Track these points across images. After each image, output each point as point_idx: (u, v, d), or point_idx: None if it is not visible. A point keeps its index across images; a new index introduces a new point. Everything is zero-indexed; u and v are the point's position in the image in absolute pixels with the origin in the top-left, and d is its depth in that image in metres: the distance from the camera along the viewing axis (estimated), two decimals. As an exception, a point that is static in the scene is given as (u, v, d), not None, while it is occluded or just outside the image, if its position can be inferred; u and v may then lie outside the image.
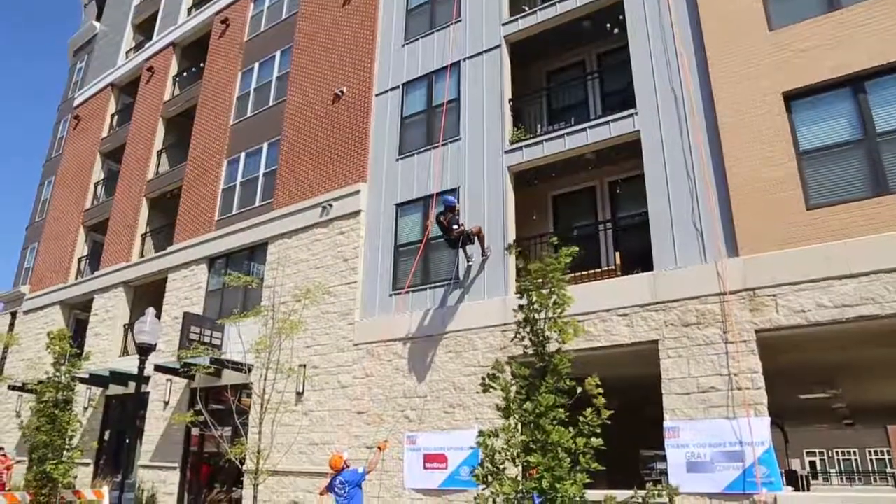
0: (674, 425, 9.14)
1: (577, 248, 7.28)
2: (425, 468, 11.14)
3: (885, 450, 44.86)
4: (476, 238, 11.52)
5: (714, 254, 9.55)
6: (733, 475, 8.52)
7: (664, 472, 25.72)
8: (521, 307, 6.92)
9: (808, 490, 23.14)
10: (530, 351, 6.75)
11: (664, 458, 26.67)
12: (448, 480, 10.78)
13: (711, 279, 9.44)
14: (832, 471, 46.55)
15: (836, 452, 47.03)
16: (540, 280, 6.64)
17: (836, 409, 18.83)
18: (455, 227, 11.08)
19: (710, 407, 8.94)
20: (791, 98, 9.61)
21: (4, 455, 16.73)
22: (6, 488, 15.53)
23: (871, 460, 46.47)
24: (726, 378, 8.93)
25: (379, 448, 9.91)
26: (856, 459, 46.77)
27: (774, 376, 9.08)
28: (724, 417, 8.78)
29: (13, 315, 26.54)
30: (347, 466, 9.40)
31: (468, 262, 11.88)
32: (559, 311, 6.60)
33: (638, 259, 10.77)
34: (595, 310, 10.25)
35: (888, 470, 44.77)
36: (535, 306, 6.65)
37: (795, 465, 36.68)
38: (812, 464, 46.57)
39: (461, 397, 11.19)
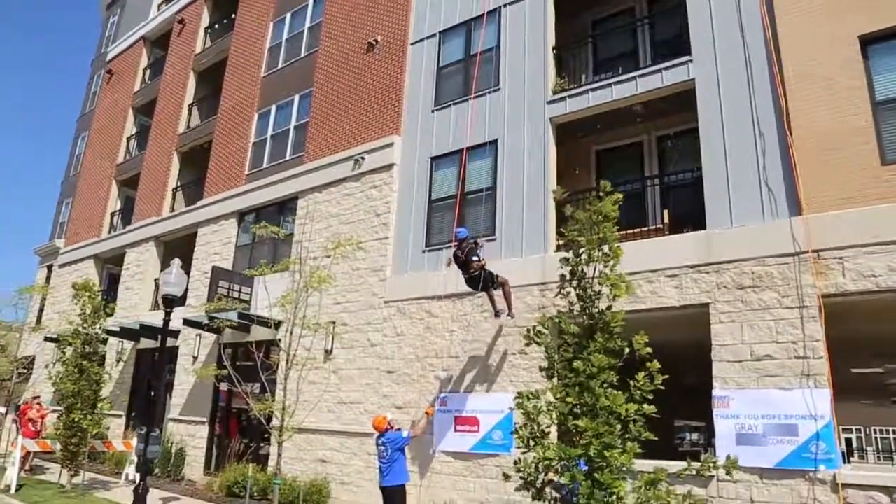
0: (724, 394, 8.54)
1: (622, 196, 6.58)
2: (456, 431, 10.74)
3: (928, 430, 43.58)
4: (502, 290, 10.16)
5: (775, 212, 8.79)
6: (787, 450, 7.91)
7: (696, 444, 25.09)
8: (567, 259, 6.33)
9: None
10: (576, 308, 6.18)
11: (695, 429, 25.91)
12: (479, 444, 10.37)
13: (771, 239, 8.70)
14: (869, 449, 45.39)
15: (874, 430, 45.78)
16: (590, 228, 6.02)
17: (889, 385, 17.91)
18: (475, 259, 9.96)
19: (764, 376, 8.29)
20: (869, 42, 8.68)
21: (39, 404, 16.90)
22: (40, 436, 15.67)
23: (911, 440, 45.32)
24: (784, 346, 8.26)
25: (427, 413, 9.56)
26: (893, 437, 45.56)
27: (830, 347, 8.39)
28: (780, 388, 8.13)
29: (49, 269, 26.85)
30: (391, 428, 8.91)
31: (495, 313, 10.46)
32: (611, 263, 6.00)
33: (688, 218, 10.07)
34: (640, 270, 9.57)
35: (931, 451, 43.50)
36: (584, 258, 6.05)
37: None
38: (847, 441, 45.46)
39: (495, 359, 10.71)
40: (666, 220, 10.47)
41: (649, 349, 5.88)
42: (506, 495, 9.60)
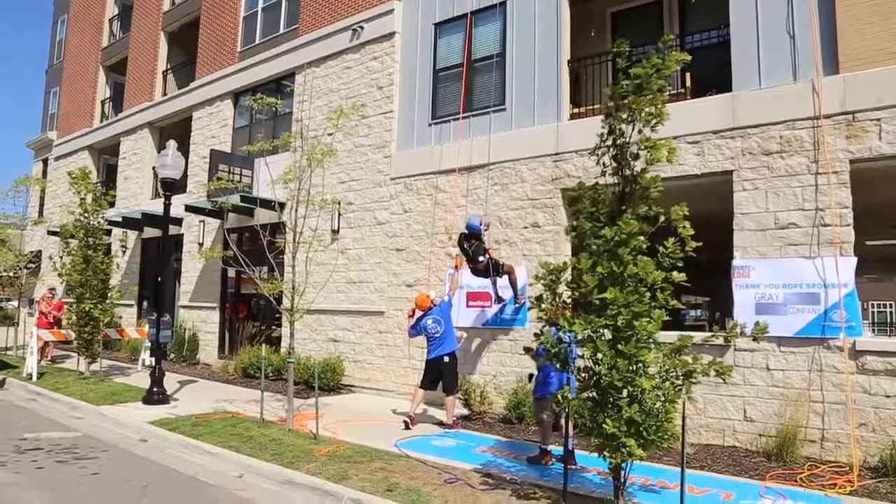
0: (744, 264, 8.28)
1: (688, 56, 5.90)
2: (468, 306, 10.65)
3: (925, 302, 44.21)
4: (508, 278, 9.77)
5: (809, 71, 8.12)
6: (808, 318, 7.74)
7: (699, 319, 25.44)
8: (608, 115, 5.80)
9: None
10: (609, 171, 5.74)
11: (697, 306, 26.11)
12: (492, 319, 10.31)
13: (802, 100, 8.09)
14: (865, 322, 46.34)
15: (870, 304, 46.56)
16: (639, 88, 5.43)
17: (901, 258, 17.77)
18: (481, 258, 9.52)
19: (787, 245, 7.99)
20: None
21: (53, 296, 16.99)
22: (56, 327, 15.83)
23: (907, 312, 46.20)
24: (810, 213, 7.88)
25: (456, 266, 9.66)
26: (891, 311, 46.44)
27: (855, 216, 8.04)
28: (804, 256, 7.85)
29: (45, 162, 26.31)
30: (434, 304, 9.24)
31: (497, 299, 10.20)
32: (655, 122, 5.48)
33: (711, 81, 9.39)
34: (660, 137, 9.03)
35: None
36: (625, 116, 5.52)
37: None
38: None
39: (507, 233, 10.42)
40: (688, 83, 9.80)
41: (687, 221, 5.49)
42: (520, 368, 9.63)
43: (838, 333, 7.50)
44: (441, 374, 9.05)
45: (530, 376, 7.59)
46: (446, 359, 9.03)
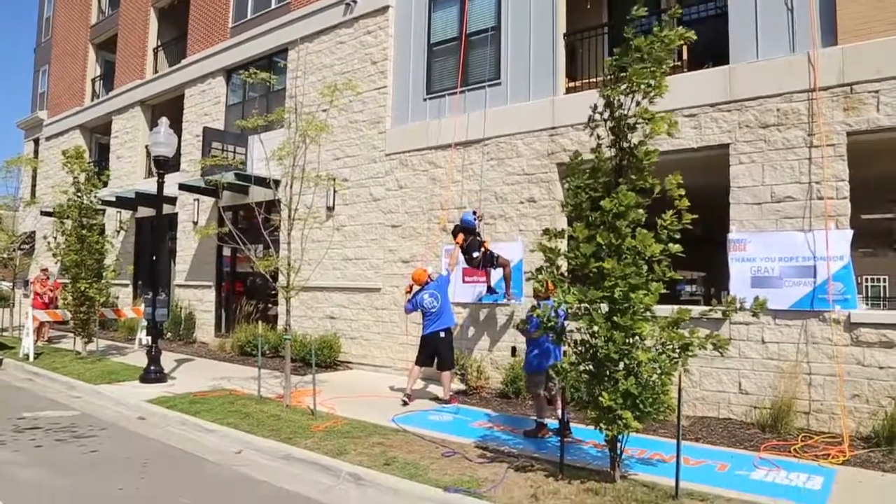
0: (740, 237, 8.27)
1: (685, 30, 5.81)
2: (464, 282, 10.65)
3: (918, 276, 44.57)
4: (503, 271, 9.73)
5: (807, 43, 8.04)
6: (803, 291, 7.76)
7: (693, 294, 25.52)
8: (605, 83, 5.74)
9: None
10: (605, 143, 5.69)
11: (693, 281, 26.18)
12: (488, 294, 10.31)
13: (800, 73, 8.01)
14: (858, 296, 46.62)
15: (864, 279, 46.91)
16: (640, 60, 5.36)
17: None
18: (476, 253, 9.51)
19: (783, 218, 7.97)
20: None
21: (47, 277, 16.89)
22: (51, 307, 15.79)
23: (900, 286, 46.63)
24: (806, 186, 7.86)
25: (457, 243, 9.58)
26: (884, 286, 46.82)
27: (851, 190, 8.03)
28: (799, 230, 7.84)
29: (36, 142, 26.03)
30: (431, 279, 9.23)
31: (488, 289, 10.18)
32: (654, 95, 5.43)
33: (708, 54, 9.30)
34: (656, 110, 8.96)
35: (917, 297, 44.78)
36: (623, 87, 5.46)
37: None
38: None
39: (503, 208, 10.39)
40: (685, 56, 9.71)
41: (682, 191, 5.47)
42: (516, 343, 9.66)
43: (833, 306, 7.53)
44: (437, 350, 9.04)
45: (513, 350, 7.64)
46: (442, 334, 9.02)
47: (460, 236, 9.60)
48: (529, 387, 7.56)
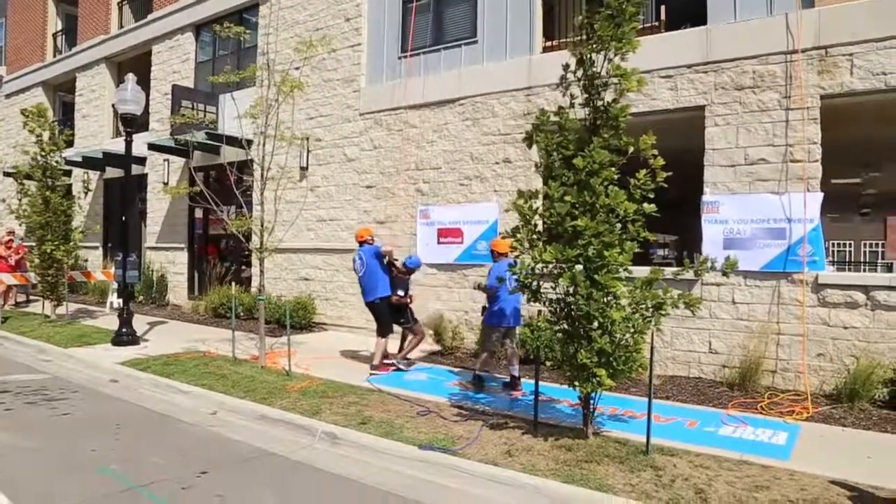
0: (714, 199, 8.34)
1: None
2: (440, 243, 10.63)
3: (879, 242, 45.70)
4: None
5: (785, 4, 8.02)
6: (774, 253, 7.89)
7: (666, 258, 25.82)
8: (576, 43, 5.67)
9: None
10: (578, 102, 5.64)
11: (665, 245, 26.40)
12: (464, 255, 10.31)
13: (777, 35, 8.00)
14: (826, 259, 47.74)
15: (831, 244, 48.01)
16: (610, 16, 5.29)
17: (862, 197, 18.12)
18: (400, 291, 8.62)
19: (757, 180, 8.05)
20: None
21: (11, 239, 16.42)
22: (18, 270, 15.40)
23: (864, 252, 47.68)
24: (780, 149, 7.92)
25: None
26: (849, 251, 47.99)
27: (823, 154, 8.10)
28: (772, 192, 7.92)
29: (-6, 100, 25.06)
30: (371, 243, 8.63)
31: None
32: (624, 50, 5.37)
33: (686, 14, 9.24)
34: (634, 71, 8.91)
35: (879, 261, 45.99)
36: (594, 45, 5.39)
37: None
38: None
39: (479, 168, 10.32)
40: (662, 16, 9.63)
41: (655, 151, 5.47)
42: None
43: (802, 267, 7.67)
44: (373, 315, 8.61)
45: (483, 308, 7.72)
46: (377, 302, 8.46)
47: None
48: (485, 341, 7.71)
